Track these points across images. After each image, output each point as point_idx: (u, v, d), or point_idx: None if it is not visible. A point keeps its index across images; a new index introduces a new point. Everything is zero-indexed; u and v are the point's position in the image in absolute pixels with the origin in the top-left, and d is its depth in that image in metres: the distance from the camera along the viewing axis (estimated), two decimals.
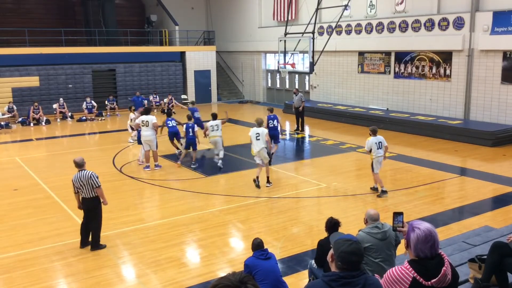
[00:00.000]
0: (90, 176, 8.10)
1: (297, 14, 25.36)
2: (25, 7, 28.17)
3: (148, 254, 8.10)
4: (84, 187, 8.12)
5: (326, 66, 24.08)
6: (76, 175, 8.19)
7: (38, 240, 8.74)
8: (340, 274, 2.93)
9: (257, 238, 6.16)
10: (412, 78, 20.23)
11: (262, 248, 5.99)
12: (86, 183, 8.10)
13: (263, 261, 5.82)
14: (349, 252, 2.96)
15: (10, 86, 23.02)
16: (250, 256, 5.98)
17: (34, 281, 7.25)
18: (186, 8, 31.48)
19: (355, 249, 3.01)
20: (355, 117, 20.67)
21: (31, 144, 18.42)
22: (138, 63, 26.47)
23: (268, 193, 11.38)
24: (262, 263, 5.80)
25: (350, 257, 2.96)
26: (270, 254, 5.99)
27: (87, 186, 8.12)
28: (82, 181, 8.10)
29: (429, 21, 19.18)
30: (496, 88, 17.24)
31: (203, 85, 28.86)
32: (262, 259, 5.84)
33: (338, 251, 2.99)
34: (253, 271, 5.73)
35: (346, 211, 9.99)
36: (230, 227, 9.47)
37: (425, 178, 12.29)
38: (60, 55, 24.19)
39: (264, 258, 5.85)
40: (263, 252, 5.93)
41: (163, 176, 13.11)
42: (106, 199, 8.50)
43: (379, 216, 5.85)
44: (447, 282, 3.21)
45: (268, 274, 5.74)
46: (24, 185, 12.32)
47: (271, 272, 5.80)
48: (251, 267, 5.78)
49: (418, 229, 3.33)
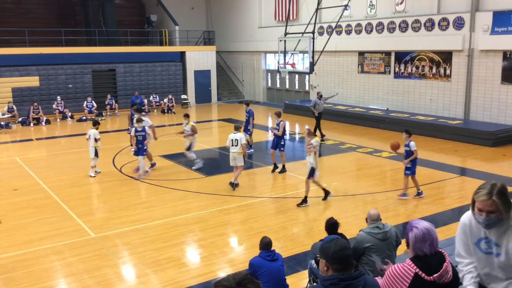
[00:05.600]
0: None
1: (297, 14, 25.37)
2: (25, 7, 28.15)
3: (148, 254, 8.09)
4: None
5: (326, 66, 24.08)
6: None
7: (38, 240, 8.74)
8: (340, 277, 2.91)
9: (266, 237, 6.05)
10: (412, 78, 20.23)
11: (270, 249, 5.90)
12: None
13: (269, 263, 5.74)
14: (340, 249, 2.95)
15: (10, 86, 23.01)
16: (257, 256, 5.90)
17: (34, 281, 7.25)
18: (186, 8, 31.49)
19: (343, 244, 3.02)
20: (355, 117, 20.67)
21: (31, 144, 18.42)
22: (138, 63, 26.47)
23: (268, 193, 11.38)
24: (268, 265, 5.72)
25: (343, 252, 2.95)
26: (277, 256, 5.90)
27: None
28: None
29: (429, 21, 19.18)
30: (496, 88, 17.24)
31: (203, 85, 28.86)
32: (268, 260, 5.75)
33: (330, 254, 2.96)
34: (257, 271, 5.67)
35: (346, 211, 9.99)
36: (230, 227, 9.47)
37: (425, 178, 12.28)
38: (60, 55, 24.19)
39: (270, 260, 5.77)
40: (270, 253, 5.83)
41: (163, 176, 13.11)
42: None
43: (379, 216, 5.85)
44: (448, 278, 3.23)
45: (272, 277, 5.67)
46: (24, 185, 12.32)
47: (275, 275, 5.73)
48: (256, 267, 5.72)
49: (416, 228, 3.38)
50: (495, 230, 3.17)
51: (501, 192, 3.08)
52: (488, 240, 3.24)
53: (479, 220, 3.16)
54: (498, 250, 3.22)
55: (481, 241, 3.29)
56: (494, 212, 3.08)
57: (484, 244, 3.27)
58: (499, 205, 3.06)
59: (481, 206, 3.12)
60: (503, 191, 3.08)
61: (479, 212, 3.16)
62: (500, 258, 3.21)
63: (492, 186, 3.11)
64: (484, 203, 3.11)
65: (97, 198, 11.86)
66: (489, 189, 3.10)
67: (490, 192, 3.09)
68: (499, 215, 3.09)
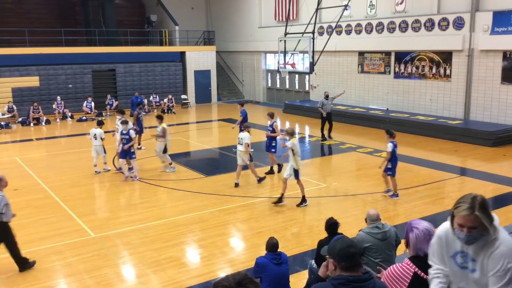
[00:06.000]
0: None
1: (297, 14, 25.37)
2: (25, 7, 28.16)
3: (148, 254, 8.09)
4: None
5: (326, 66, 24.09)
6: None
7: (38, 240, 8.74)
8: (350, 278, 2.86)
9: (272, 238, 5.98)
10: (412, 78, 20.23)
11: (276, 251, 5.85)
12: None
13: (274, 266, 5.70)
14: (345, 247, 2.94)
15: (10, 86, 23.02)
16: (263, 257, 5.86)
17: (34, 281, 7.25)
18: (186, 8, 31.49)
19: (349, 242, 3.01)
20: (355, 117, 20.67)
21: (31, 144, 18.42)
22: (138, 63, 26.47)
23: (268, 193, 11.38)
24: (273, 268, 5.69)
25: (349, 250, 2.93)
26: (284, 259, 5.86)
27: None
28: None
29: (429, 21, 19.18)
30: (496, 88, 17.24)
31: (203, 85, 28.87)
32: (274, 263, 5.72)
33: (336, 252, 2.96)
34: (262, 272, 5.66)
35: (346, 211, 9.99)
36: (230, 227, 9.47)
37: (425, 178, 12.29)
38: (60, 55, 24.20)
39: (276, 263, 5.73)
40: (277, 256, 5.79)
41: (163, 176, 13.11)
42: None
43: (379, 216, 5.85)
44: None
45: (275, 280, 5.65)
46: (24, 185, 12.31)
47: (279, 279, 5.71)
48: (261, 268, 5.69)
49: (416, 229, 3.40)
50: (473, 244, 2.98)
51: (483, 206, 2.88)
52: (465, 254, 3.05)
53: (460, 236, 2.96)
54: (474, 265, 3.02)
55: (457, 255, 3.10)
56: (476, 227, 2.88)
57: (460, 258, 3.09)
58: (482, 219, 2.86)
59: (463, 222, 2.90)
60: (484, 204, 2.89)
61: (460, 227, 2.94)
62: (475, 274, 3.02)
63: (473, 200, 2.90)
64: (466, 219, 2.88)
65: (97, 198, 11.86)
66: (471, 203, 2.89)
67: (472, 206, 2.87)
68: (481, 231, 2.89)
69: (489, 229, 2.88)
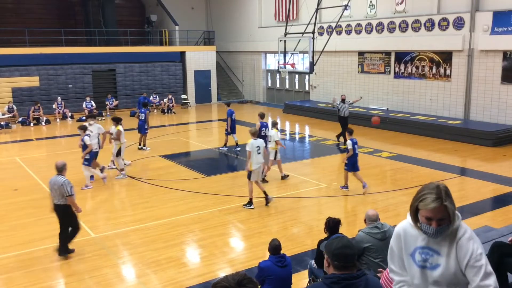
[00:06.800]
0: (62, 184, 7.75)
1: (297, 14, 25.37)
2: (25, 7, 28.17)
3: (148, 254, 8.09)
4: (54, 192, 7.83)
5: (326, 66, 24.09)
6: (52, 178, 7.93)
7: (38, 240, 8.73)
8: (341, 276, 2.87)
9: (275, 240, 5.92)
10: (412, 78, 20.24)
11: (280, 253, 5.81)
12: (56, 188, 7.78)
13: (279, 269, 5.65)
14: (341, 247, 2.93)
15: (10, 86, 23.02)
16: (267, 260, 5.81)
17: (34, 281, 7.25)
18: (186, 8, 31.49)
19: (346, 242, 2.99)
20: (355, 117, 20.64)
21: (31, 144, 18.42)
22: (138, 63, 26.47)
23: (268, 193, 11.36)
24: (278, 271, 5.64)
25: (344, 250, 2.91)
26: (288, 262, 5.82)
27: (57, 192, 7.78)
28: (53, 186, 7.81)
29: (429, 21, 19.18)
30: (496, 88, 17.24)
31: (203, 85, 28.87)
32: (279, 266, 5.67)
33: (331, 250, 2.96)
34: (266, 276, 5.60)
35: (346, 211, 9.99)
36: (230, 227, 9.47)
37: (425, 178, 12.28)
38: (60, 55, 24.20)
39: (281, 266, 5.69)
40: (281, 258, 5.75)
41: (163, 176, 13.11)
42: (79, 207, 8.08)
43: (378, 216, 5.86)
44: None
45: (280, 282, 5.62)
46: (24, 185, 12.32)
47: (284, 281, 5.68)
48: (265, 272, 5.64)
49: None
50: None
51: (449, 195, 2.70)
52: (426, 249, 2.83)
53: (428, 231, 2.73)
54: (437, 260, 2.80)
55: (416, 251, 2.88)
56: (444, 219, 2.69)
57: (419, 255, 2.87)
58: (449, 210, 2.67)
59: (431, 215, 2.67)
60: (449, 193, 2.71)
61: (427, 221, 2.71)
62: (436, 272, 2.80)
63: (438, 190, 2.69)
64: (435, 211, 2.66)
65: (97, 198, 11.86)
66: (437, 194, 2.67)
67: (440, 197, 2.66)
68: (448, 221, 2.70)
69: (455, 218, 2.74)
